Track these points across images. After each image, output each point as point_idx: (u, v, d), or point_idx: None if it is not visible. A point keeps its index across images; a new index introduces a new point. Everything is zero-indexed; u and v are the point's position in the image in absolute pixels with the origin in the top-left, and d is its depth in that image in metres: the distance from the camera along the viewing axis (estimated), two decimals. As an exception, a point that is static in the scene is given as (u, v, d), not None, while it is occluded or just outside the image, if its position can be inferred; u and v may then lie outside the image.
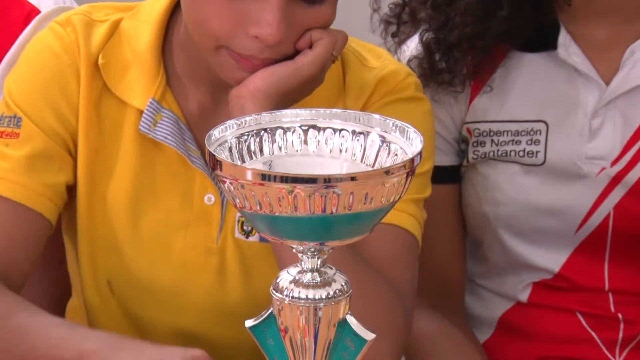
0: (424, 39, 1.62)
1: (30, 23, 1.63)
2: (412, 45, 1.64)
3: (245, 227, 1.45)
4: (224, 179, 0.92)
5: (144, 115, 1.44)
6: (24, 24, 1.63)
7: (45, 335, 1.34)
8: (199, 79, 1.47)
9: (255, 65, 1.37)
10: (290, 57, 1.39)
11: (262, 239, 1.35)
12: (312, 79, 1.40)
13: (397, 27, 1.66)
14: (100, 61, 1.46)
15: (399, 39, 1.66)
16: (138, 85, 1.46)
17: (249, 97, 1.35)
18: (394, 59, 1.56)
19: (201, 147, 1.45)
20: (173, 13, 1.48)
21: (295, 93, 1.40)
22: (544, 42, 1.60)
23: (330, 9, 1.39)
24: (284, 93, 1.38)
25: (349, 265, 1.29)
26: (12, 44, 1.62)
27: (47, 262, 1.50)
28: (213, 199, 1.45)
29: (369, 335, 0.97)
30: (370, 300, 1.32)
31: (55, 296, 1.53)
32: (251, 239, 1.44)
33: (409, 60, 1.63)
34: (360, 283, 1.28)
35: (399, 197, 0.93)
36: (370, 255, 1.38)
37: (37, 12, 1.65)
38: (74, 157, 1.47)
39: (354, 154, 0.97)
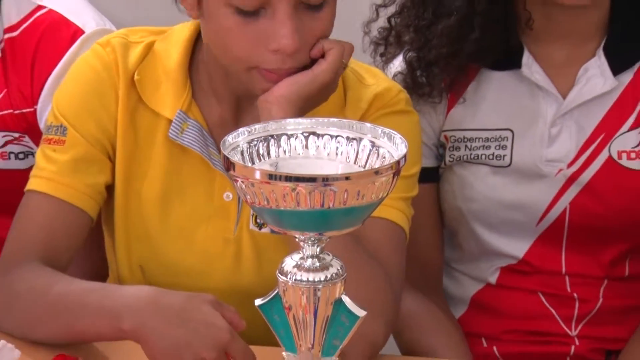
0: (407, 57, 1.62)
1: (75, 42, 1.62)
2: (397, 63, 1.64)
3: (258, 221, 1.44)
4: (237, 178, 0.93)
5: (172, 124, 1.44)
6: (70, 42, 1.62)
7: (82, 303, 1.35)
8: (220, 94, 1.46)
9: (282, 76, 1.36)
10: (308, 66, 1.39)
11: (273, 231, 1.33)
12: (327, 84, 1.40)
13: (384, 47, 1.66)
14: (136, 77, 1.46)
15: (386, 57, 1.66)
16: (168, 98, 1.46)
17: (275, 102, 1.35)
18: (388, 78, 1.56)
19: (220, 152, 1.41)
20: (198, 37, 1.48)
21: (314, 98, 1.40)
22: (510, 61, 1.60)
23: (330, 13, 1.38)
24: (304, 98, 1.37)
25: (350, 251, 1.30)
26: (60, 59, 1.62)
27: (88, 249, 1.50)
28: (231, 196, 1.45)
29: (361, 312, 0.98)
30: (366, 281, 1.32)
31: (94, 277, 1.52)
32: (263, 230, 1.44)
33: (394, 76, 1.63)
34: (358, 266, 1.31)
35: (387, 194, 0.94)
36: (367, 244, 1.38)
37: (82, 32, 1.63)
38: (112, 160, 1.47)
39: (348, 157, 0.98)
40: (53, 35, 1.63)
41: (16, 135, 1.65)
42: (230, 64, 1.39)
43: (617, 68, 1.59)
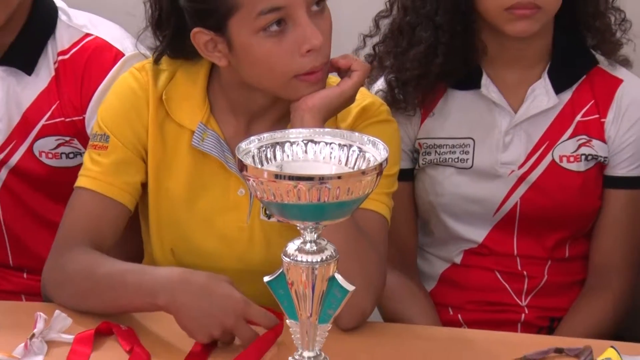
0: (387, 78, 1.61)
1: (117, 63, 1.61)
2: (379, 83, 1.63)
3: (267, 212, 1.43)
4: (249, 178, 0.94)
5: (194, 134, 1.44)
6: (113, 63, 1.61)
7: (124, 282, 1.35)
8: (237, 110, 1.45)
9: (319, 73, 1.36)
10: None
11: (279, 220, 1.29)
12: (350, 99, 1.40)
13: (369, 73, 1.57)
14: (163, 97, 1.45)
15: (370, 78, 1.63)
16: (190, 113, 1.45)
17: (308, 111, 1.35)
18: (371, 93, 1.54)
19: (234, 156, 1.39)
20: (211, 69, 1.46)
21: (337, 109, 1.39)
22: (471, 83, 1.59)
23: (328, 12, 1.37)
24: (331, 109, 1.37)
25: (353, 236, 1.32)
26: (104, 76, 1.60)
27: (127, 234, 1.49)
28: (244, 192, 1.44)
29: (350, 287, 0.98)
30: (361, 260, 1.32)
31: (133, 257, 1.52)
32: (272, 219, 1.43)
33: (376, 92, 1.61)
34: (358, 248, 1.32)
35: (371, 190, 0.95)
36: (358, 227, 1.36)
37: (122, 55, 1.62)
38: (145, 162, 1.47)
39: (340, 160, 0.99)
40: (98, 57, 1.61)
41: (67, 138, 1.63)
42: (271, 84, 1.38)
43: (558, 88, 1.58)
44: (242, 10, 1.33)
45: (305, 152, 1.00)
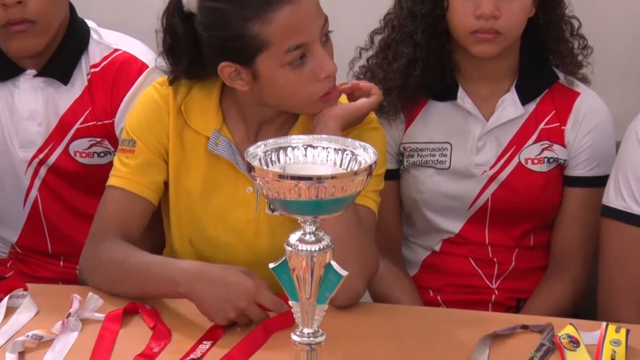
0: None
1: (142, 74, 1.60)
2: None
3: (272, 207, 1.43)
4: (256, 177, 0.95)
5: (209, 140, 1.44)
6: (138, 74, 1.61)
7: (151, 272, 1.35)
8: (244, 120, 1.45)
9: (335, 92, 1.39)
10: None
11: (282, 214, 1.31)
12: (364, 116, 1.42)
13: (363, 80, 1.60)
14: (182, 108, 1.45)
15: None
16: (206, 122, 1.45)
17: (331, 118, 1.37)
18: None
19: (244, 159, 1.38)
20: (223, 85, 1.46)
21: (353, 122, 1.41)
22: (449, 95, 1.59)
23: (330, 37, 1.38)
24: (349, 120, 1.39)
25: (348, 224, 1.31)
26: (131, 85, 1.60)
27: (151, 227, 1.49)
28: (251, 190, 1.44)
29: (344, 273, 0.98)
30: (358, 248, 1.33)
31: (155, 247, 1.52)
32: (275, 213, 1.43)
33: None
34: (357, 237, 1.32)
35: (363, 189, 0.95)
36: (351, 220, 1.35)
37: (146, 67, 1.61)
38: (167, 164, 1.46)
39: (335, 162, 0.99)
40: (126, 69, 1.61)
41: (98, 139, 1.62)
42: (296, 104, 1.40)
43: (524, 100, 1.58)
44: (272, 49, 1.33)
45: (305, 155, 1.00)
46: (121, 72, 1.61)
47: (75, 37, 1.61)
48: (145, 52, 1.64)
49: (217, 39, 1.36)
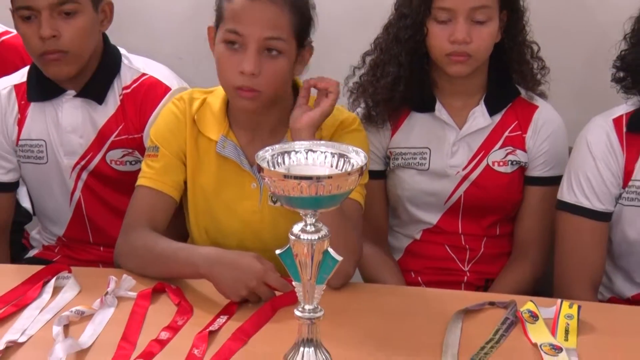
0: (366, 101, 1.61)
1: (165, 96, 1.60)
2: (362, 106, 1.62)
3: (273, 199, 1.41)
4: (264, 177, 0.95)
5: (218, 143, 1.43)
6: (162, 95, 1.60)
7: (175, 257, 1.35)
8: (243, 126, 1.44)
9: (247, 93, 1.35)
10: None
11: (286, 207, 1.29)
12: (329, 113, 1.39)
13: (355, 96, 1.63)
14: (195, 118, 1.45)
15: (356, 102, 1.63)
16: (215, 129, 1.44)
17: (304, 128, 1.35)
18: (347, 110, 1.53)
19: (248, 159, 1.43)
20: None
21: (321, 123, 1.38)
22: (428, 107, 1.58)
23: (281, 62, 1.35)
24: (317, 124, 1.37)
25: (340, 219, 1.31)
26: (157, 105, 1.59)
27: (174, 219, 1.48)
28: (255, 185, 1.43)
29: (339, 258, 0.98)
30: (345, 236, 1.32)
31: (179, 235, 1.51)
32: (277, 204, 1.41)
33: (355, 109, 1.60)
34: (344, 227, 1.32)
35: (354, 187, 0.95)
36: (344, 213, 1.35)
37: (169, 89, 1.61)
38: (185, 165, 1.46)
39: (332, 164, 0.98)
40: (152, 91, 1.60)
41: (130, 150, 1.62)
42: (224, 84, 1.38)
43: (491, 112, 1.58)
44: (223, 22, 1.35)
45: (306, 158, 1.00)
46: (148, 93, 1.60)
47: (108, 63, 1.61)
48: (169, 76, 1.63)
49: (216, 7, 1.39)
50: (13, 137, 1.62)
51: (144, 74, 1.62)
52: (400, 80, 1.55)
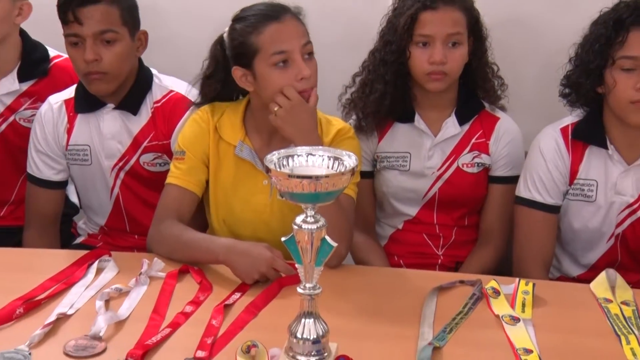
0: (357, 114, 1.60)
1: (188, 110, 1.55)
2: (353, 117, 1.60)
3: (281, 195, 1.35)
4: (272, 176, 0.94)
5: (236, 147, 1.42)
6: (186, 108, 1.56)
7: (198, 246, 1.34)
8: (259, 132, 1.43)
9: (309, 92, 1.34)
10: None
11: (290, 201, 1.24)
12: (315, 109, 1.36)
13: (348, 109, 1.62)
14: (217, 126, 1.44)
15: (348, 115, 1.62)
16: (233, 135, 1.43)
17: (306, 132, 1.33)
18: (343, 121, 1.51)
19: (261, 160, 1.41)
20: (246, 105, 1.45)
21: (315, 122, 1.36)
22: (409, 118, 1.57)
23: (314, 60, 1.33)
24: (315, 126, 1.35)
25: (337, 210, 1.30)
26: (181, 117, 1.57)
27: (197, 212, 1.47)
28: (266, 182, 1.42)
29: (334, 244, 0.98)
30: (340, 225, 1.31)
31: (201, 225, 1.50)
32: (284, 198, 1.33)
33: (349, 120, 1.59)
34: (339, 217, 1.31)
35: (347, 185, 0.95)
36: (339, 206, 1.33)
37: (192, 103, 1.55)
38: (207, 167, 1.45)
39: (328, 166, 0.98)
40: (178, 105, 1.59)
41: (159, 154, 1.61)
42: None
43: (461, 122, 1.57)
44: (262, 52, 1.33)
45: (307, 161, 0.99)
46: (175, 107, 1.59)
47: (142, 81, 1.60)
48: (192, 93, 1.62)
49: (233, 50, 1.36)
50: (63, 143, 1.62)
51: (171, 91, 1.62)
52: (387, 95, 1.54)
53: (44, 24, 1.63)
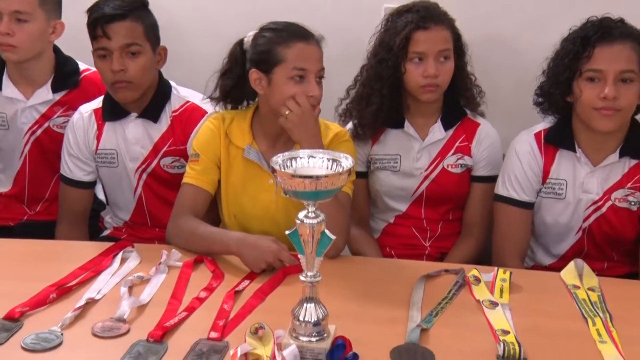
0: (354, 123, 1.59)
1: (203, 118, 1.57)
2: (349, 125, 1.59)
3: (285, 192, 1.35)
4: (277, 176, 0.94)
5: (244, 150, 1.42)
6: (201, 117, 1.57)
7: (212, 239, 1.34)
8: (265, 136, 1.42)
9: (317, 108, 1.35)
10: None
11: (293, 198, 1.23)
12: (318, 118, 1.37)
13: (344, 118, 1.61)
14: (227, 132, 1.43)
15: (344, 122, 1.60)
16: (242, 139, 1.43)
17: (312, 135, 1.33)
18: (340, 126, 1.51)
19: (267, 162, 1.40)
20: (254, 111, 1.44)
21: (317, 126, 1.34)
22: (399, 125, 1.57)
23: (322, 83, 1.34)
24: (318, 129, 1.35)
25: (337, 205, 1.30)
26: (196, 125, 1.56)
27: (210, 208, 1.46)
28: (272, 181, 1.41)
29: (332, 237, 0.97)
30: (338, 219, 1.30)
31: (214, 220, 1.49)
32: (287, 195, 1.33)
33: (348, 129, 1.57)
34: (338, 212, 1.31)
35: (345, 183, 0.94)
36: (337, 203, 1.32)
37: (206, 112, 1.58)
38: (219, 168, 1.44)
39: (328, 167, 0.97)
40: (193, 114, 1.58)
41: (177, 158, 1.60)
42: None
43: (446, 128, 1.57)
44: (284, 64, 1.33)
45: (308, 162, 0.99)
46: (191, 116, 1.59)
47: (162, 93, 1.60)
48: (205, 103, 1.62)
49: (256, 54, 1.36)
50: (92, 148, 1.62)
51: (187, 101, 1.61)
52: (383, 107, 1.53)
53: (74, 41, 1.65)
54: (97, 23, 1.48)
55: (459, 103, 1.60)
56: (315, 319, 1.00)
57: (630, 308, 1.18)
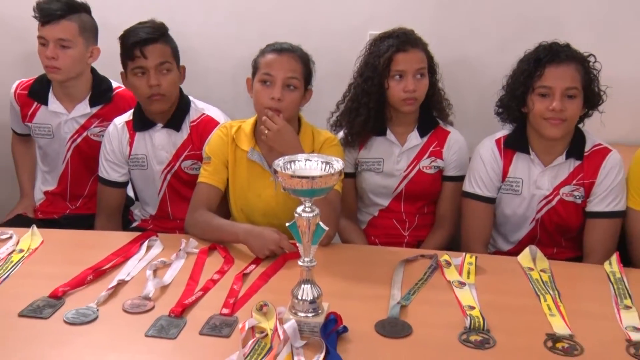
0: (344, 132, 1.57)
1: (216, 128, 1.53)
2: (340, 134, 1.58)
3: (284, 189, 1.35)
4: (278, 177, 0.93)
5: (248, 153, 1.41)
6: (214, 127, 1.54)
7: (224, 229, 1.33)
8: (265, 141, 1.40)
9: (276, 112, 1.33)
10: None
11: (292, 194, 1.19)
12: (293, 130, 1.35)
13: (336, 127, 1.59)
14: (234, 137, 1.43)
15: (336, 130, 1.58)
16: (246, 143, 1.42)
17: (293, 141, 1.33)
18: (330, 132, 1.50)
19: (268, 163, 1.40)
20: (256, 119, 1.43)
21: (296, 139, 1.33)
22: (382, 132, 1.55)
23: (296, 93, 1.33)
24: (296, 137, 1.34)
25: (328, 202, 1.28)
26: (210, 133, 1.53)
27: (221, 203, 1.45)
28: (272, 179, 1.39)
29: (326, 228, 0.97)
30: (329, 213, 1.29)
31: (225, 215, 1.48)
32: (286, 191, 1.32)
33: (340, 138, 1.55)
34: (328, 207, 1.29)
35: (336, 183, 0.94)
36: (329, 199, 1.30)
37: (218, 123, 1.56)
38: (227, 169, 1.43)
39: (322, 169, 0.97)
40: (208, 125, 1.58)
41: (195, 161, 1.59)
42: (258, 110, 1.38)
43: (421, 135, 1.56)
44: (259, 70, 1.35)
45: (305, 164, 0.98)
46: (206, 126, 1.58)
47: (183, 106, 1.60)
48: (219, 115, 1.62)
49: (252, 64, 1.38)
50: (126, 154, 1.62)
51: (203, 113, 1.61)
52: (370, 119, 1.53)
53: (107, 63, 1.66)
54: (136, 46, 1.50)
55: (432, 114, 1.59)
56: (311, 298, 1.00)
57: (576, 287, 1.20)
